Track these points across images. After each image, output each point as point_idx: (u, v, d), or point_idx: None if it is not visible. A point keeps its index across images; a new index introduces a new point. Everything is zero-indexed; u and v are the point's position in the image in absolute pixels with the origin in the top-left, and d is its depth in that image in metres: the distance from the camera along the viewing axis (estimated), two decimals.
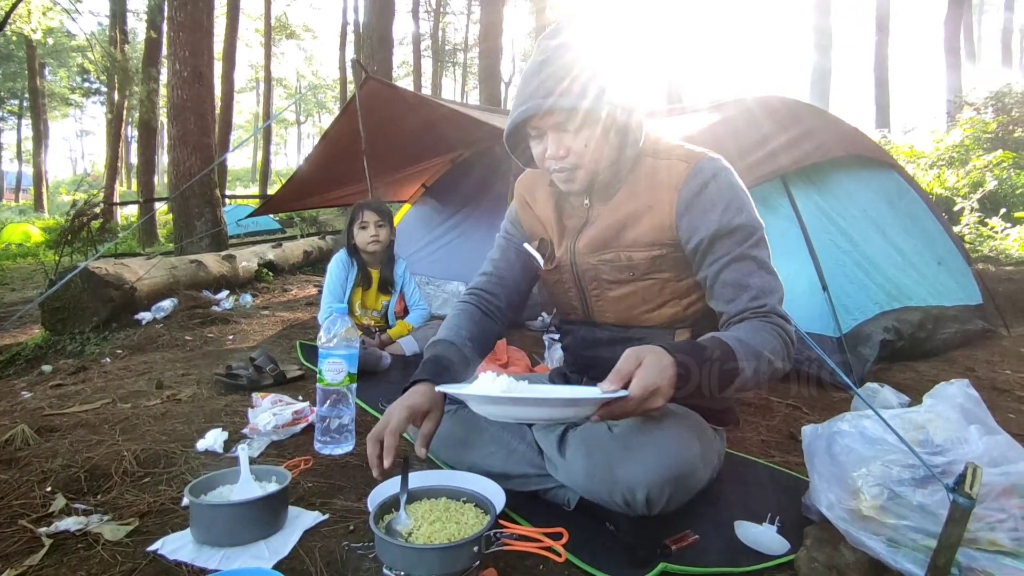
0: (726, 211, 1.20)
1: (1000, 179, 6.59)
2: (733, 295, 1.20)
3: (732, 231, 1.20)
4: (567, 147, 1.20)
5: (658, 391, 1.00)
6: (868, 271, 2.92)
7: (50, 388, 2.48)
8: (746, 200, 1.24)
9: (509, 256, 1.51)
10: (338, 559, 1.14)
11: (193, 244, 5.84)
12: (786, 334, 1.17)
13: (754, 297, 1.18)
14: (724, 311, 1.22)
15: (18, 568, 1.09)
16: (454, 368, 1.29)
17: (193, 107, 5.98)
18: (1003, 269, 4.72)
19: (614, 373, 1.02)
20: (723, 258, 1.20)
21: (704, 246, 1.21)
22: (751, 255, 1.20)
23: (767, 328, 1.15)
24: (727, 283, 1.20)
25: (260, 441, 1.72)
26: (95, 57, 14.63)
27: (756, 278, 1.19)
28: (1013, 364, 3.03)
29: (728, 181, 1.23)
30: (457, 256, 4.28)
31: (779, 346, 1.15)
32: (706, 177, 1.22)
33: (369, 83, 3.43)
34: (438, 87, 25.45)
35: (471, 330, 1.39)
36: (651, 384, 0.99)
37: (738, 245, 1.20)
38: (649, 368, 1.01)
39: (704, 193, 1.21)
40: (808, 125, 3.02)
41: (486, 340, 1.43)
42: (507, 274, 1.50)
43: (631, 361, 1.02)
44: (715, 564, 1.15)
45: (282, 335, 3.50)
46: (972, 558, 1.04)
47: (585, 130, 1.19)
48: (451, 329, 1.39)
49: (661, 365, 1.01)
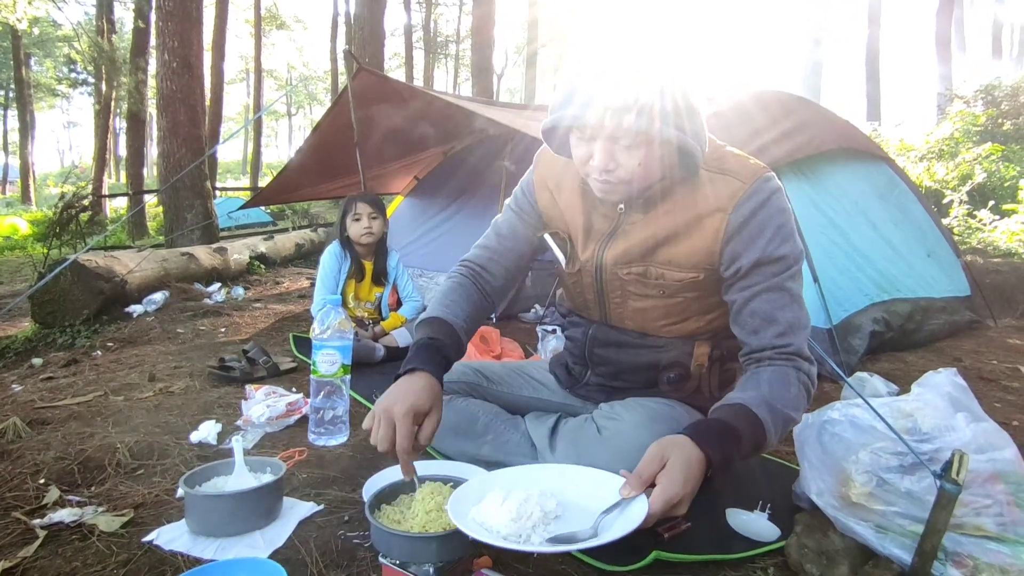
0: (772, 239, 1.14)
1: (989, 172, 6.65)
2: (759, 327, 1.15)
3: (774, 261, 1.14)
4: (617, 162, 1.09)
5: (682, 501, 0.93)
6: (859, 263, 2.94)
7: (41, 381, 2.46)
8: (793, 226, 1.17)
9: (518, 234, 1.41)
10: (333, 548, 1.15)
11: (184, 236, 5.80)
12: (809, 380, 1.13)
13: (781, 334, 1.13)
14: (746, 341, 1.17)
15: (12, 560, 1.09)
16: (450, 356, 1.24)
17: (183, 98, 5.93)
18: (991, 261, 4.77)
19: (635, 477, 0.94)
20: (756, 286, 1.14)
21: (743, 272, 1.15)
22: (785, 286, 1.15)
23: (793, 380, 1.11)
24: (755, 313, 1.15)
25: (254, 433, 1.72)
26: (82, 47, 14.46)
27: (786, 312, 1.14)
28: (999, 354, 3.08)
29: (779, 206, 1.16)
30: (450, 248, 4.28)
31: (802, 400, 1.11)
32: (760, 200, 1.14)
33: (361, 74, 3.41)
34: (430, 79, 25.29)
35: (466, 310, 1.32)
36: (674, 497, 0.91)
37: (775, 275, 1.14)
38: (674, 476, 0.92)
39: (756, 217, 1.14)
40: (800, 118, 3.03)
41: (476, 321, 1.36)
42: (510, 254, 1.41)
43: (655, 463, 0.94)
44: (707, 551, 1.16)
45: (275, 328, 3.49)
46: (958, 543, 1.06)
47: (640, 149, 1.08)
48: (446, 307, 1.31)
49: (688, 468, 0.93)
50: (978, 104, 9.36)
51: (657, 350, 1.30)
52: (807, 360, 1.14)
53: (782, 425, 1.07)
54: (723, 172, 1.17)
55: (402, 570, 0.97)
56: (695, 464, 0.94)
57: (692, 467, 0.94)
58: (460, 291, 1.35)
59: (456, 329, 1.26)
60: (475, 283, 1.39)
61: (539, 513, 0.92)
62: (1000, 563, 1.02)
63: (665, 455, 0.94)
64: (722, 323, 1.27)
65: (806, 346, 1.15)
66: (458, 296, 1.34)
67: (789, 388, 1.09)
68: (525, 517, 0.90)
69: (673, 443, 0.97)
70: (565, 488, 1.01)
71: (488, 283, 1.40)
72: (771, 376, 1.11)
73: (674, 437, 0.99)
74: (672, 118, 1.05)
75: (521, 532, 0.89)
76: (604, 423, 1.25)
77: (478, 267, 1.41)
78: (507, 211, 1.44)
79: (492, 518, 0.91)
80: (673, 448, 0.95)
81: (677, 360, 1.29)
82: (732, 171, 1.17)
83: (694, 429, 1.01)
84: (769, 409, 1.04)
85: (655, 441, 0.98)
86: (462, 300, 1.33)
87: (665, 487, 0.91)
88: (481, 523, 0.91)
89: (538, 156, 1.40)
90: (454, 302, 1.32)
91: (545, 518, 0.92)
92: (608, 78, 1.05)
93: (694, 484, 0.93)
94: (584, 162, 1.14)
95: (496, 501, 0.94)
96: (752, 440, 1.02)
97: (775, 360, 1.13)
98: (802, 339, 1.14)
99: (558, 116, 1.10)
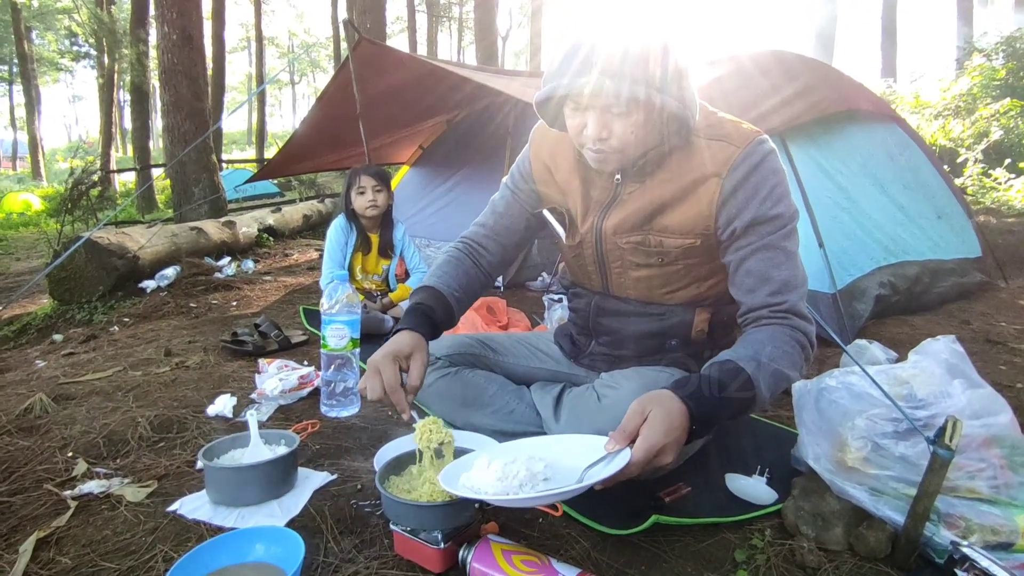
0: (766, 200, 1.15)
1: (1006, 128, 6.47)
2: (754, 286, 1.16)
3: (768, 220, 1.15)
4: (610, 130, 1.11)
5: (664, 449, 0.94)
6: (866, 227, 2.92)
7: (62, 356, 2.54)
8: (787, 186, 1.18)
9: (513, 212, 1.44)
10: (347, 516, 1.20)
11: (192, 211, 5.83)
12: (805, 338, 1.13)
13: (775, 292, 1.14)
14: (742, 300, 1.18)
15: (47, 529, 1.16)
16: (436, 317, 1.28)
17: (184, 71, 5.89)
18: (1004, 221, 4.71)
19: (619, 431, 0.96)
20: (751, 246, 1.16)
21: (737, 233, 1.17)
22: (780, 245, 1.16)
23: (786, 337, 1.11)
24: (750, 272, 1.16)
25: (268, 406, 1.78)
26: (82, 19, 14.28)
27: (781, 271, 1.15)
28: (1008, 316, 3.07)
29: (773, 167, 1.17)
30: (456, 217, 4.28)
31: (798, 357, 1.11)
32: (754, 162, 1.15)
33: (362, 44, 3.37)
34: (434, 42, 24.77)
35: (459, 280, 1.36)
36: (655, 445, 0.93)
37: (770, 234, 1.15)
38: (655, 425, 0.94)
39: (749, 180, 1.15)
40: (804, 82, 2.96)
41: (471, 293, 1.40)
42: (505, 232, 1.45)
43: (636, 417, 0.96)
44: (707, 514, 1.21)
45: (285, 300, 3.54)
46: (951, 505, 1.10)
47: (632, 116, 1.09)
48: (439, 277, 1.35)
49: (670, 419, 0.95)
50: (999, 57, 9.05)
51: (659, 318, 1.32)
52: (803, 318, 1.15)
53: (773, 382, 1.07)
54: (718, 138, 1.18)
55: (413, 536, 1.02)
56: (676, 415, 0.96)
57: (673, 417, 0.96)
58: (453, 263, 1.40)
59: (445, 295, 1.30)
60: (470, 257, 1.43)
61: (525, 473, 0.96)
62: (992, 524, 1.06)
63: (646, 409, 0.97)
64: (722, 289, 1.29)
65: (802, 304, 1.16)
66: (451, 268, 1.38)
67: (782, 346, 1.10)
68: (512, 476, 0.95)
69: (653, 397, 0.99)
70: (555, 454, 1.05)
71: (484, 258, 1.44)
72: (764, 335, 1.12)
73: (656, 392, 1.01)
74: (663, 84, 1.05)
75: (508, 490, 0.93)
76: (604, 391, 1.28)
77: (475, 243, 1.45)
78: (503, 189, 1.47)
79: (480, 480, 0.96)
80: (653, 402, 0.98)
81: (679, 327, 1.31)
82: (727, 136, 1.18)
83: (675, 383, 1.03)
84: (757, 365, 1.06)
85: (636, 399, 1.00)
86: (455, 271, 1.38)
87: (646, 436, 0.93)
88: (471, 487, 0.96)
89: (533, 133, 1.41)
90: (446, 272, 1.37)
91: (533, 479, 0.96)
92: (598, 46, 1.06)
93: (677, 434, 0.96)
94: (578, 132, 1.15)
95: (483, 465, 0.99)
96: (739, 395, 1.03)
97: (771, 319, 1.15)
98: (797, 297, 1.16)
99: (551, 87, 1.11)
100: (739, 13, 24.76)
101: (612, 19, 1.09)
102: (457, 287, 1.34)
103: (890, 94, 8.38)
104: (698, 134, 1.19)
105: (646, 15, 1.09)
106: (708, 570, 1.08)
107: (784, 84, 2.87)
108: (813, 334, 1.15)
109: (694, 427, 0.99)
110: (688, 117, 1.11)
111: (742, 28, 27.69)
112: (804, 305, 1.16)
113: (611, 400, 1.23)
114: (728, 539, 1.16)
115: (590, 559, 1.09)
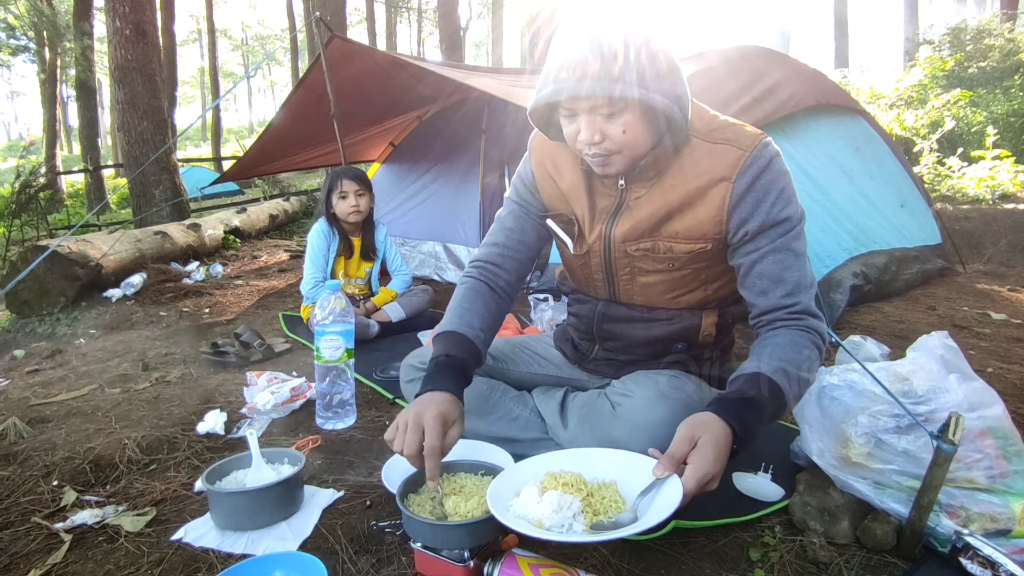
0: (776, 203, 1.16)
1: (957, 118, 6.74)
2: (767, 288, 1.17)
3: (779, 223, 1.16)
4: (602, 132, 1.11)
5: (715, 478, 0.95)
6: (837, 218, 3.01)
7: (27, 374, 2.42)
8: (793, 188, 1.19)
9: (524, 226, 1.41)
10: (360, 535, 1.18)
11: (153, 214, 5.61)
12: (819, 337, 1.15)
13: (788, 293, 1.16)
14: (754, 303, 1.20)
15: (42, 567, 1.10)
16: (468, 370, 1.24)
17: (139, 68, 5.63)
18: (960, 208, 4.91)
19: (667, 457, 0.96)
20: (762, 249, 1.17)
21: (748, 236, 1.18)
22: (790, 247, 1.17)
23: (805, 340, 1.13)
24: (763, 275, 1.17)
25: (261, 420, 1.73)
26: (19, 11, 13.54)
27: (792, 272, 1.17)
28: (969, 300, 3.21)
29: (780, 169, 1.18)
30: (431, 215, 4.24)
31: (815, 360, 1.13)
32: (762, 165, 1.16)
33: (334, 42, 3.29)
34: (392, 35, 24.32)
35: (482, 317, 1.31)
36: (707, 475, 0.93)
37: (780, 236, 1.17)
38: (705, 454, 0.94)
39: (758, 184, 1.16)
40: (776, 78, 3.01)
41: (495, 325, 1.36)
42: (519, 246, 1.41)
43: (685, 444, 0.96)
44: (718, 514, 1.23)
45: (260, 305, 3.45)
46: (951, 495, 1.14)
47: (622, 116, 1.09)
48: (460, 317, 1.29)
49: (718, 447, 0.96)
50: (945, 48, 9.42)
51: (666, 323, 1.33)
52: (815, 317, 1.18)
53: (798, 389, 1.10)
54: (721, 142, 1.18)
55: (435, 555, 1.01)
56: (723, 440, 0.97)
57: (721, 444, 0.96)
58: (471, 297, 1.34)
59: (472, 340, 1.26)
60: (489, 284, 1.38)
61: (579, 502, 0.95)
62: (990, 512, 1.11)
63: (695, 435, 0.97)
64: (728, 291, 1.31)
65: (813, 303, 1.19)
66: (470, 304, 1.33)
67: (801, 351, 1.12)
68: (566, 507, 0.93)
69: (701, 422, 0.99)
70: (596, 473, 1.05)
71: (501, 279, 1.39)
72: (783, 341, 1.14)
73: (701, 416, 1.01)
74: (648, 82, 1.05)
75: (563, 522, 0.92)
76: (618, 399, 1.28)
77: (491, 265, 1.40)
78: (508, 203, 1.43)
79: (533, 510, 0.94)
80: (702, 427, 0.98)
81: (687, 331, 1.32)
82: (731, 140, 1.18)
83: (719, 405, 1.03)
84: (785, 375, 1.07)
85: (683, 421, 1.01)
86: (477, 307, 1.32)
87: (698, 466, 0.93)
88: (522, 516, 0.94)
89: (531, 143, 1.39)
90: (468, 311, 1.31)
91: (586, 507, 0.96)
92: (576, 50, 1.06)
93: (724, 461, 0.96)
94: (574, 139, 1.15)
95: (534, 493, 0.97)
96: (772, 408, 1.05)
97: (786, 321, 1.16)
98: (809, 297, 1.18)
99: (537, 96, 1.11)
100: (700, 8, 25.07)
101: (588, 20, 1.08)
102: (480, 326, 1.29)
103: (845, 84, 8.62)
104: (701, 137, 1.19)
105: (622, 14, 1.09)
106: (726, 570, 1.10)
107: (754, 81, 2.91)
108: (824, 331, 1.18)
109: (735, 447, 0.99)
110: (676, 113, 1.10)
111: (705, 23, 28.03)
112: (815, 304, 1.19)
113: (626, 408, 1.23)
114: (741, 538, 1.19)
115: (610, 565, 1.10)
